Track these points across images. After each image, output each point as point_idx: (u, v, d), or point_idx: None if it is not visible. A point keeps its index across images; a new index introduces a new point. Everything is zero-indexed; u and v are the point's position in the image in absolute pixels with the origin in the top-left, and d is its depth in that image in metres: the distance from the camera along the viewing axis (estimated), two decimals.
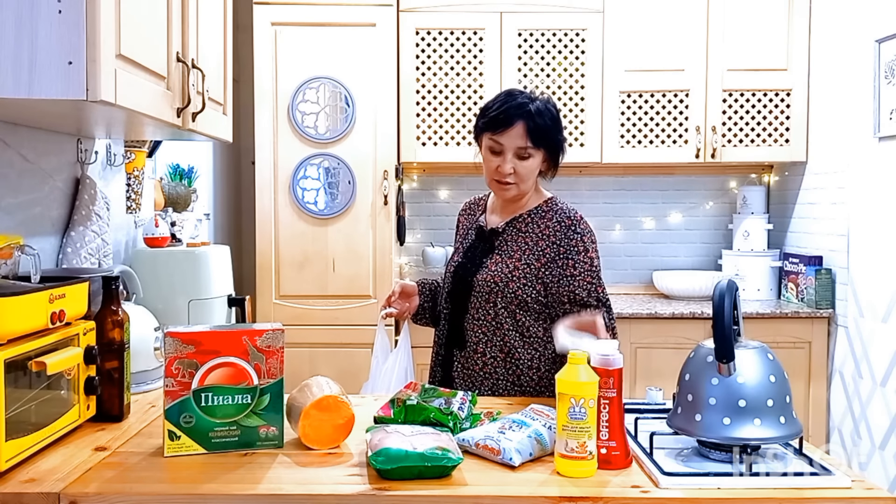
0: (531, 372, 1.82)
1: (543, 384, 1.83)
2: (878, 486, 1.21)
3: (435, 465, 1.20)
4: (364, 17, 3.21)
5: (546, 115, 1.80)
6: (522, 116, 1.76)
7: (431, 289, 2.04)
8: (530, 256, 1.81)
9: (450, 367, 1.90)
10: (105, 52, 1.33)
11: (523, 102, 1.78)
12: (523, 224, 1.86)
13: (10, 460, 1.22)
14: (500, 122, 1.77)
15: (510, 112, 1.77)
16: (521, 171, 1.80)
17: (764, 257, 3.49)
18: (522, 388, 1.82)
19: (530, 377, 1.82)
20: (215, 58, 2.05)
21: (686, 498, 1.17)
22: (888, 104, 2.79)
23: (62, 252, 1.99)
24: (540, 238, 1.82)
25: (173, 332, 1.33)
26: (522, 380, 1.82)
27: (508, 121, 1.77)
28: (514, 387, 1.82)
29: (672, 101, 3.37)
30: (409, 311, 1.98)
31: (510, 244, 1.85)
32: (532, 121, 1.77)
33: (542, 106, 1.80)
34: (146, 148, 2.43)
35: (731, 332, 1.27)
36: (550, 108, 1.82)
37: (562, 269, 1.79)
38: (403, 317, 1.98)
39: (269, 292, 3.24)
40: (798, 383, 3.12)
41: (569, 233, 1.81)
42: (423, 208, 3.74)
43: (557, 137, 1.83)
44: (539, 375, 1.83)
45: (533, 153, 1.79)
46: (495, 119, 1.78)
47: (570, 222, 1.82)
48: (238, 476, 1.24)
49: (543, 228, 1.83)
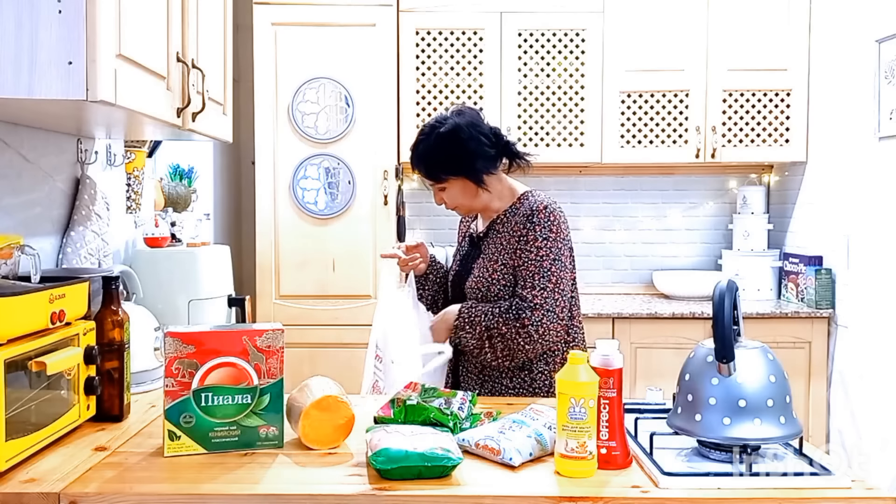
0: (523, 374, 1.82)
1: (536, 385, 1.83)
2: (878, 486, 1.21)
3: (435, 465, 1.20)
4: (364, 18, 3.21)
5: (438, 148, 1.81)
6: (418, 162, 1.86)
7: (438, 269, 2.04)
8: (505, 256, 1.82)
9: (455, 373, 1.93)
10: (105, 52, 1.33)
11: (418, 142, 1.85)
12: (500, 225, 1.87)
13: (10, 460, 1.22)
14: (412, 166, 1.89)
15: (411, 158, 1.88)
16: (448, 200, 1.88)
17: (764, 257, 3.49)
18: (521, 389, 1.83)
19: (522, 379, 1.82)
20: (215, 58, 2.05)
21: (686, 498, 1.17)
22: (888, 104, 2.79)
23: (62, 252, 1.99)
24: (511, 235, 1.82)
25: (173, 332, 1.33)
26: (515, 382, 1.82)
27: (412, 166, 1.89)
28: (511, 389, 1.83)
29: (672, 101, 3.37)
30: (412, 267, 1.96)
31: (491, 247, 1.86)
32: (423, 164, 1.85)
33: (434, 140, 1.82)
34: (146, 148, 2.43)
35: (731, 332, 1.27)
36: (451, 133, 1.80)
37: (520, 260, 1.78)
38: (406, 268, 1.96)
39: (269, 292, 3.24)
40: (798, 383, 3.12)
41: (527, 223, 1.80)
42: (423, 208, 3.74)
43: (462, 161, 1.81)
44: (531, 378, 1.83)
45: (445, 184, 1.85)
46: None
47: (530, 213, 1.80)
48: (238, 476, 1.24)
49: (514, 224, 1.83)
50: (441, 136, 1.81)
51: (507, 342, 1.74)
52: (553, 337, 1.75)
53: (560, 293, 1.75)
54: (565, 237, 1.80)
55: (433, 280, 2.02)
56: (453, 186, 1.85)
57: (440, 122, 1.84)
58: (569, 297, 1.79)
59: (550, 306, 1.74)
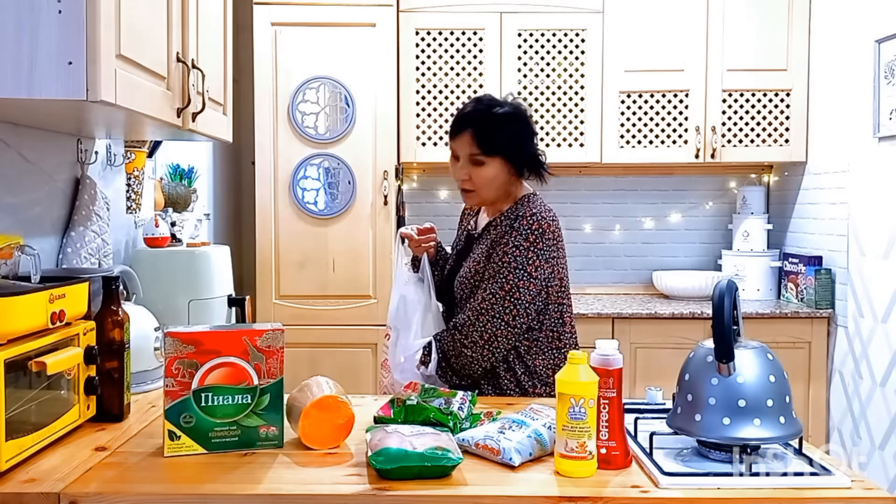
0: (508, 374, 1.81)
1: (537, 386, 1.82)
2: (878, 486, 1.21)
3: (435, 465, 1.20)
4: (364, 17, 3.21)
5: (503, 122, 1.78)
6: (472, 124, 1.79)
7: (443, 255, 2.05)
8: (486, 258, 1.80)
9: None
10: (105, 53, 1.33)
11: (480, 110, 1.81)
12: (493, 227, 1.84)
13: (10, 460, 1.22)
14: (453, 129, 1.84)
15: (461, 120, 1.82)
16: (475, 179, 1.80)
17: (764, 257, 3.49)
18: (518, 389, 1.82)
19: (508, 380, 1.81)
20: (215, 58, 2.05)
21: (686, 498, 1.17)
22: (888, 104, 2.79)
23: (62, 252, 1.99)
24: (493, 238, 1.81)
25: (173, 332, 1.33)
26: (502, 383, 1.81)
27: (457, 128, 1.82)
28: (509, 389, 1.82)
29: (672, 101, 3.37)
30: (423, 249, 1.96)
31: (480, 248, 1.85)
32: (482, 129, 1.78)
33: (501, 112, 1.79)
34: (146, 148, 2.43)
35: (731, 332, 1.27)
36: (511, 114, 1.80)
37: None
38: (419, 250, 1.96)
39: (269, 292, 3.24)
40: (798, 383, 3.12)
41: (508, 229, 1.78)
42: (423, 208, 3.74)
43: (517, 144, 1.80)
44: (517, 379, 1.81)
45: (486, 160, 1.79)
46: (451, 125, 1.85)
47: (514, 218, 1.78)
48: (238, 476, 1.24)
49: (501, 228, 1.81)
50: (507, 112, 1.81)
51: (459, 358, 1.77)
52: (503, 343, 1.75)
53: (512, 301, 1.73)
54: (544, 247, 1.75)
55: (441, 266, 2.02)
56: (491, 166, 1.79)
57: (497, 100, 1.84)
58: (526, 305, 1.74)
59: (497, 312, 1.73)
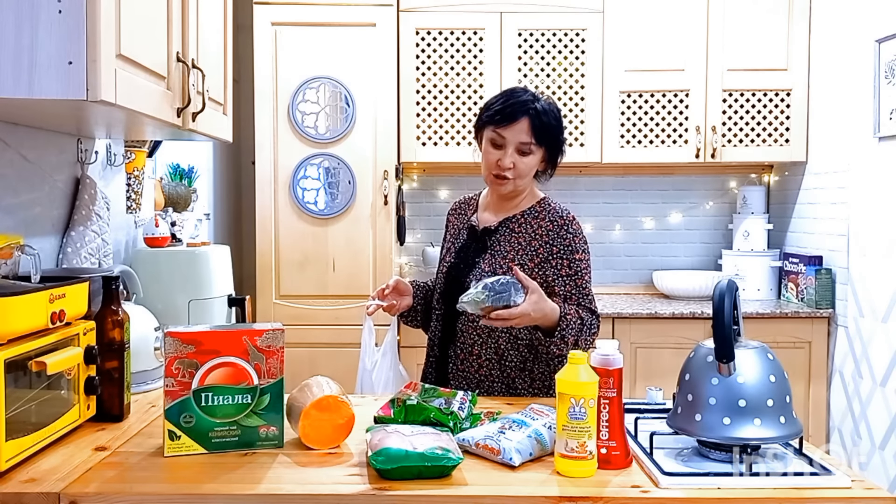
0: (524, 374, 1.82)
1: (536, 386, 1.83)
2: (878, 486, 1.21)
3: (435, 465, 1.20)
4: (364, 17, 3.21)
5: (550, 114, 1.82)
6: (528, 112, 1.79)
7: (424, 292, 2.01)
8: (524, 256, 1.81)
9: (444, 369, 1.89)
10: (105, 52, 1.33)
11: (528, 100, 1.81)
12: (516, 224, 1.85)
13: (10, 460, 1.22)
14: (506, 116, 1.79)
15: (516, 107, 1.79)
16: (520, 167, 1.81)
17: (764, 257, 3.49)
18: (517, 390, 1.82)
19: (523, 379, 1.82)
20: (215, 58, 2.05)
21: (686, 498, 1.17)
22: (888, 104, 2.79)
23: (62, 252, 1.99)
24: (533, 238, 1.82)
25: (173, 332, 1.33)
26: (517, 382, 1.82)
27: (514, 115, 1.79)
28: (508, 389, 1.82)
29: (672, 101, 3.37)
30: (398, 308, 1.93)
31: (503, 244, 1.84)
32: (537, 118, 1.79)
33: (546, 105, 1.82)
34: (146, 148, 2.43)
35: (731, 332, 1.27)
36: (553, 108, 1.84)
37: (556, 269, 1.79)
38: (392, 312, 1.94)
39: (269, 292, 3.24)
40: (798, 383, 3.12)
41: (562, 232, 1.81)
42: (423, 208, 3.74)
43: (559, 137, 1.85)
44: (532, 378, 1.82)
45: (534, 150, 1.81)
46: (501, 112, 1.80)
47: (562, 222, 1.82)
48: (238, 476, 1.24)
49: (536, 228, 1.83)
50: (555, 106, 1.85)
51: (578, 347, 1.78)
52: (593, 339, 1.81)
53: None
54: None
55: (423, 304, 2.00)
56: (536, 156, 1.83)
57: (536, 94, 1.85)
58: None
59: (596, 310, 1.82)
